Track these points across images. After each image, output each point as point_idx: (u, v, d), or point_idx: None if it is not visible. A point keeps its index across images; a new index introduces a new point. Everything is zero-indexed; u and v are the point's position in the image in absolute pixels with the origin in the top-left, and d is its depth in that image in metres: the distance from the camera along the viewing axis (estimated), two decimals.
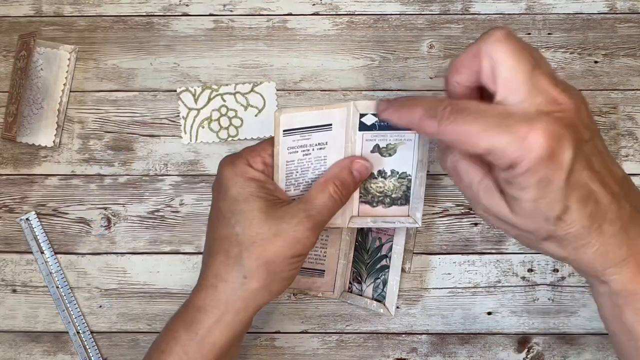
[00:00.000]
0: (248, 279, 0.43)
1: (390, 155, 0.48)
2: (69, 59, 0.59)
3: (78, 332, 0.57)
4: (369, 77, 0.59)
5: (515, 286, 0.57)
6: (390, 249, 0.56)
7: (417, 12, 0.59)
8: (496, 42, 0.37)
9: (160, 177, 0.59)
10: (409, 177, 0.49)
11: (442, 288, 0.57)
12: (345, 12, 0.59)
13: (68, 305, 0.57)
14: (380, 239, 0.56)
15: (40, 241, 0.58)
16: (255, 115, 0.58)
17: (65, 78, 0.59)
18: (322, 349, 0.57)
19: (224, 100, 0.59)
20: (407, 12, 0.59)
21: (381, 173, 0.49)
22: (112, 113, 0.59)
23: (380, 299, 0.56)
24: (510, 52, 0.36)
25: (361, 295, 0.57)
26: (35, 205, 0.58)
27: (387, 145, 0.47)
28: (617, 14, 0.59)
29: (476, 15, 0.59)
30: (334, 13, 0.59)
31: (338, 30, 0.59)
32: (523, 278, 0.57)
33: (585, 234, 0.36)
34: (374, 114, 0.46)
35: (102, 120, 0.59)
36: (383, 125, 0.46)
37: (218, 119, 0.58)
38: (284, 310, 0.58)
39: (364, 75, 0.59)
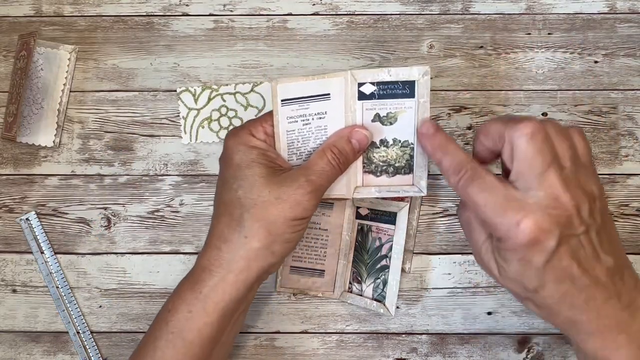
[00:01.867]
0: (249, 238, 0.45)
1: (391, 124, 0.48)
2: (69, 59, 0.59)
3: (78, 332, 0.57)
4: None
5: None
6: (390, 249, 0.56)
7: (417, 12, 0.59)
8: (522, 136, 0.41)
9: (160, 177, 0.59)
10: (412, 146, 0.49)
11: (442, 288, 0.57)
12: (345, 12, 0.59)
13: (68, 305, 0.57)
14: (380, 239, 0.56)
15: (40, 241, 0.58)
16: (256, 115, 0.58)
17: (65, 78, 0.59)
18: (322, 349, 0.57)
19: (224, 100, 0.59)
20: (407, 12, 0.59)
21: (383, 142, 0.49)
22: (112, 113, 0.59)
23: (380, 299, 0.56)
24: (531, 148, 0.41)
25: (361, 295, 0.57)
26: (35, 205, 0.58)
27: (387, 113, 0.48)
28: (617, 14, 0.59)
29: (476, 15, 0.59)
30: (334, 13, 0.59)
31: (338, 30, 0.59)
32: None
33: (557, 306, 0.42)
34: (372, 83, 0.46)
35: (102, 120, 0.59)
36: (382, 94, 0.47)
37: (218, 119, 0.58)
38: (284, 310, 0.58)
39: None
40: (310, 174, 0.46)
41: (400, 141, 0.49)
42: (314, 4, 0.60)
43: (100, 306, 0.58)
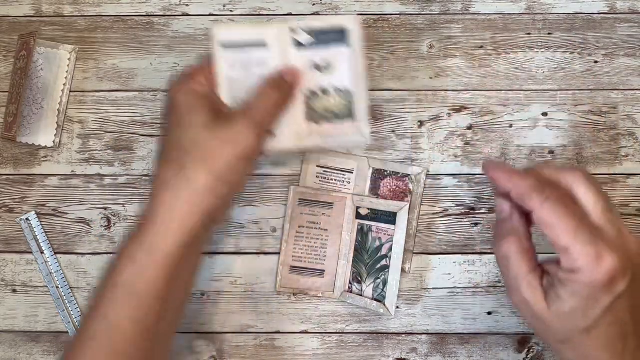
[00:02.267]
0: (191, 181, 0.44)
1: (329, 71, 0.49)
2: (69, 59, 0.59)
3: None
4: (369, 77, 0.59)
5: None
6: (390, 249, 0.56)
7: (417, 12, 0.59)
8: (581, 177, 0.41)
9: None
10: (351, 93, 0.49)
11: (442, 288, 0.57)
12: (345, 13, 0.59)
13: (68, 305, 0.57)
14: (380, 239, 0.56)
15: (40, 241, 0.58)
16: None
17: (65, 78, 0.59)
18: (322, 349, 0.57)
19: None
20: (407, 12, 0.59)
21: (323, 90, 0.49)
22: (112, 113, 0.59)
23: (380, 299, 0.56)
24: (593, 187, 0.41)
25: (361, 295, 0.57)
26: (35, 205, 0.58)
27: (324, 61, 0.49)
28: (617, 14, 0.59)
29: (476, 15, 0.59)
30: (334, 13, 0.59)
31: None
32: None
33: (597, 351, 0.41)
34: (306, 32, 0.48)
35: (102, 120, 0.59)
36: (318, 43, 0.48)
37: None
38: (284, 310, 0.58)
39: None
40: (251, 112, 0.46)
41: (339, 88, 0.49)
42: (314, 4, 0.60)
43: None
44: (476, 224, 0.58)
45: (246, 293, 0.58)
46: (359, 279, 0.57)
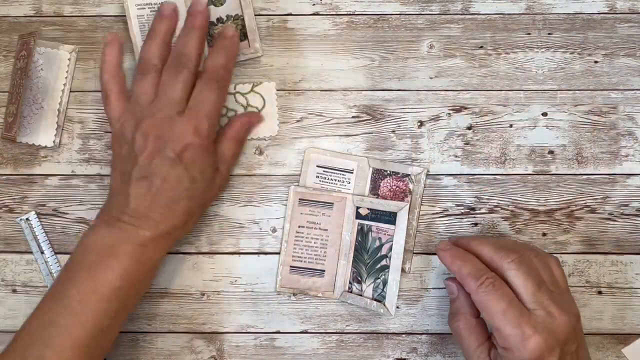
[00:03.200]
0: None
1: (222, 4, 0.57)
2: (69, 59, 0.59)
3: None
4: (369, 77, 0.59)
5: None
6: (390, 249, 0.56)
7: (417, 12, 0.59)
8: (511, 263, 0.47)
9: None
10: (241, 17, 0.57)
11: (442, 288, 0.57)
12: (345, 12, 0.59)
13: None
14: (380, 239, 0.56)
15: (40, 241, 0.58)
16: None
17: (65, 78, 0.59)
18: (322, 349, 0.57)
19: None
20: (407, 12, 0.59)
21: (219, 20, 0.56)
22: None
23: (380, 299, 0.56)
24: (521, 273, 0.47)
25: (361, 295, 0.57)
26: (35, 205, 0.58)
27: None
28: (617, 14, 0.59)
29: (476, 15, 0.59)
30: (334, 13, 0.59)
31: (338, 30, 0.59)
32: None
33: None
34: None
35: (102, 120, 0.59)
36: None
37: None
38: (284, 310, 0.58)
39: (364, 75, 0.59)
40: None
41: (232, 16, 0.57)
42: (314, 4, 0.60)
43: None
44: (476, 224, 0.58)
45: (246, 293, 0.58)
46: (359, 278, 0.57)
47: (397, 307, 0.57)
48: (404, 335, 0.57)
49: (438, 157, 0.58)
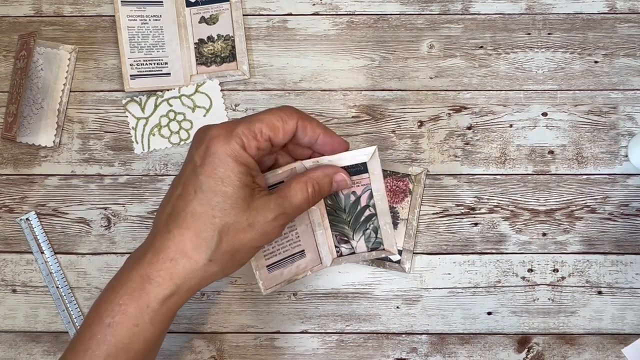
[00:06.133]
0: (212, 262, 0.44)
1: (214, 23, 0.58)
2: (69, 59, 0.59)
3: None
4: (369, 77, 0.59)
5: (515, 286, 0.57)
6: (370, 196, 0.52)
7: (417, 12, 0.59)
8: None
9: (160, 177, 0.59)
10: (232, 38, 0.58)
11: (442, 288, 0.57)
12: (345, 12, 0.59)
13: (68, 305, 0.57)
14: (355, 192, 0.52)
15: (40, 241, 0.58)
16: (204, 116, 0.58)
17: (65, 78, 0.59)
18: (322, 349, 0.57)
19: (171, 105, 0.58)
20: (407, 12, 0.59)
21: (210, 38, 0.56)
22: (112, 113, 0.59)
23: (376, 246, 0.54)
24: None
25: (354, 252, 0.54)
26: (35, 205, 0.58)
27: (210, 15, 0.56)
28: (617, 14, 0.59)
29: (476, 15, 0.59)
30: (334, 13, 0.59)
31: (338, 30, 0.59)
32: (523, 278, 0.57)
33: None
34: None
35: (102, 120, 0.59)
36: (205, 1, 0.58)
37: (168, 125, 0.58)
38: (284, 310, 0.58)
39: (364, 75, 0.59)
40: (287, 207, 0.46)
41: (223, 35, 0.58)
42: (314, 4, 0.60)
43: None
44: (476, 224, 0.58)
45: (246, 293, 0.58)
46: (345, 238, 0.54)
47: (400, 250, 0.57)
48: (404, 335, 0.57)
49: (438, 157, 0.58)
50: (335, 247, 0.54)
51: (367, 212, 0.53)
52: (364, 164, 0.51)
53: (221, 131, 0.44)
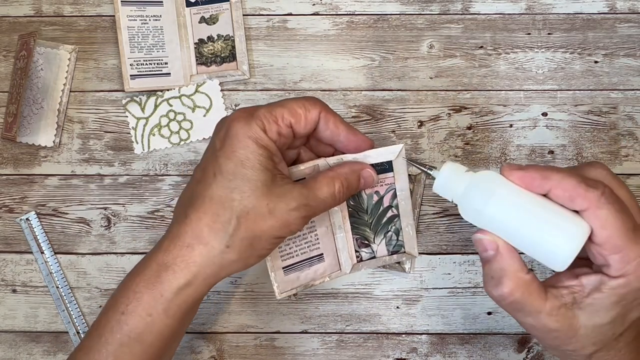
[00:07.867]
0: (230, 249, 0.42)
1: (214, 23, 0.58)
2: (69, 59, 0.59)
3: (78, 332, 0.57)
4: (369, 77, 0.59)
5: None
6: (394, 196, 0.51)
7: (417, 12, 0.59)
8: (605, 175, 0.39)
9: (160, 177, 0.59)
10: (232, 38, 0.58)
11: (442, 288, 0.57)
12: (345, 12, 0.59)
13: (68, 305, 0.57)
14: (378, 192, 0.50)
15: (40, 241, 0.58)
16: (204, 116, 0.58)
17: (65, 78, 0.59)
18: (322, 349, 0.57)
19: (171, 105, 0.59)
20: (407, 12, 0.59)
21: (210, 38, 0.58)
22: (112, 113, 0.59)
23: (397, 249, 0.52)
24: (623, 185, 0.39)
25: (374, 257, 0.52)
26: (35, 205, 0.58)
27: (210, 15, 0.56)
28: (617, 14, 0.59)
29: (476, 15, 0.59)
30: (334, 13, 0.59)
31: (338, 30, 0.59)
32: None
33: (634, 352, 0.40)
34: None
35: (102, 120, 0.59)
36: (205, 1, 0.58)
37: (167, 125, 0.58)
38: (284, 310, 0.58)
39: (364, 75, 0.59)
40: (312, 200, 0.43)
41: (223, 36, 0.58)
42: (314, 4, 0.60)
43: (100, 306, 0.58)
44: None
45: (246, 293, 0.58)
46: (366, 242, 0.51)
47: (420, 254, 0.56)
48: (404, 335, 0.57)
49: (438, 157, 0.58)
50: (356, 251, 0.52)
51: (389, 214, 0.51)
52: (389, 163, 0.49)
53: (242, 114, 0.43)
